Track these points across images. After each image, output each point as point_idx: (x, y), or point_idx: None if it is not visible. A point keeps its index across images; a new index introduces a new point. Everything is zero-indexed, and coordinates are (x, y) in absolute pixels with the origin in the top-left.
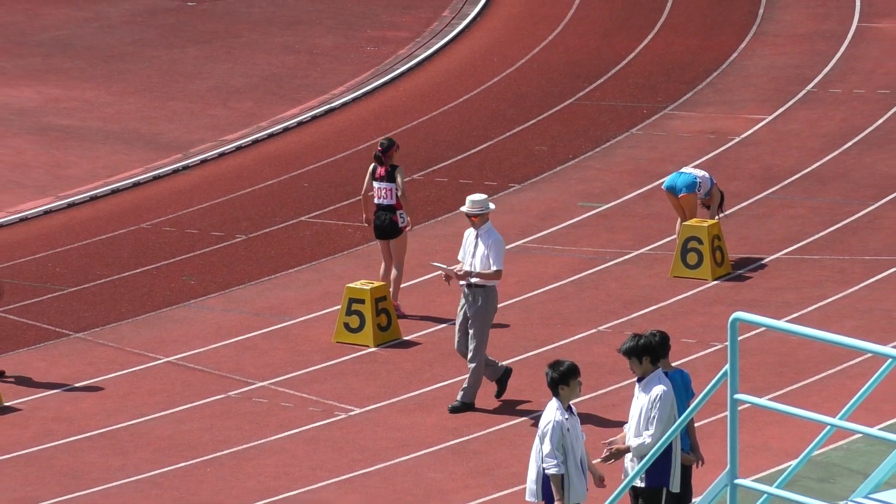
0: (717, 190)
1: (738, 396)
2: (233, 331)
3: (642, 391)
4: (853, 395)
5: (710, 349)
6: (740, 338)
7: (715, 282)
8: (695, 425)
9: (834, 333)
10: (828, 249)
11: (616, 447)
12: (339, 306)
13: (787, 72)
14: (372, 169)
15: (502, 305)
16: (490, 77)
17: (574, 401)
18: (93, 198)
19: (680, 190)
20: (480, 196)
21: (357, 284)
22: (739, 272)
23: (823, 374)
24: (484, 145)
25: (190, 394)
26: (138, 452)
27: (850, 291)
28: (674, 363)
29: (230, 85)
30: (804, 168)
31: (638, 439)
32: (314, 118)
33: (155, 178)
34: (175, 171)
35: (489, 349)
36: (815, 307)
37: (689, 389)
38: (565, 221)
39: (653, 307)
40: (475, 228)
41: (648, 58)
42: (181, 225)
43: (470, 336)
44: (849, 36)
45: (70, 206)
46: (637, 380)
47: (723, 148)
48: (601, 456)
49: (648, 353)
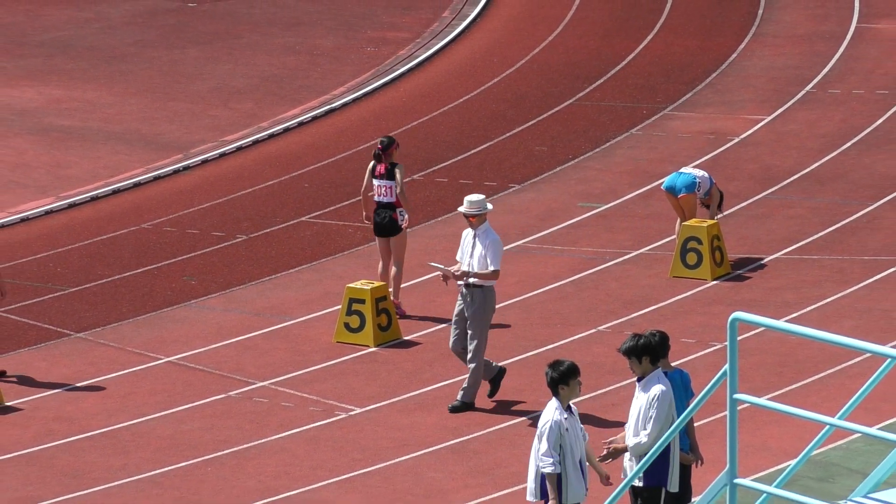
0: (717, 189)
1: (738, 396)
2: (233, 331)
3: (642, 391)
4: (852, 395)
5: (710, 349)
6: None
7: (714, 282)
8: (694, 425)
9: (833, 333)
10: (827, 249)
11: (614, 446)
12: (340, 306)
13: (787, 72)
14: (371, 167)
15: (502, 305)
16: (490, 78)
17: (574, 400)
18: (94, 198)
19: (679, 190)
20: (478, 196)
21: (357, 284)
22: (739, 272)
23: (822, 374)
24: (484, 146)
25: (191, 393)
26: (139, 452)
27: (849, 291)
28: (673, 363)
29: (231, 86)
30: (803, 168)
31: (635, 439)
32: (315, 119)
33: (156, 179)
34: (176, 172)
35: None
36: (815, 307)
37: (689, 389)
38: (565, 222)
39: (652, 307)
40: (473, 229)
41: (648, 58)
42: (182, 225)
43: (469, 336)
44: (848, 37)
45: (71, 207)
46: (637, 379)
47: (722, 148)
48: (599, 455)
49: (648, 353)
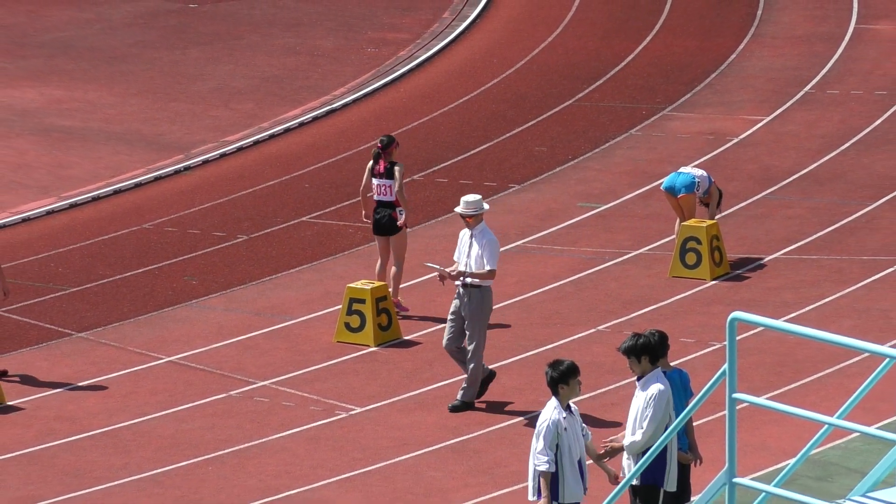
0: (716, 188)
1: (737, 396)
2: (234, 330)
3: (641, 390)
4: (851, 395)
5: (709, 349)
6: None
7: (713, 282)
8: (693, 424)
9: (832, 333)
10: (826, 249)
11: (611, 445)
12: (340, 306)
13: (785, 73)
14: (370, 166)
15: (502, 305)
16: (490, 78)
17: (573, 400)
18: (95, 198)
19: (679, 190)
20: (474, 197)
21: (358, 284)
22: (738, 272)
23: (821, 374)
24: (484, 146)
25: (191, 393)
26: (140, 451)
27: (848, 291)
28: (673, 363)
29: (232, 86)
30: (802, 169)
31: (632, 437)
32: (315, 119)
33: (157, 179)
34: (177, 172)
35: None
36: (813, 307)
37: (688, 389)
38: (565, 222)
39: (652, 307)
40: (469, 229)
41: (647, 59)
42: (183, 225)
43: (468, 337)
44: (846, 37)
45: (72, 207)
46: (636, 379)
47: (721, 149)
48: (598, 454)
49: (647, 353)
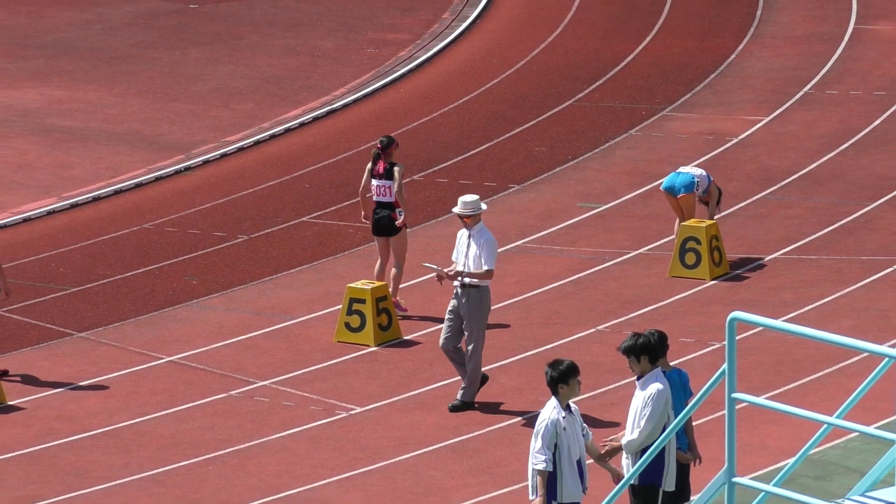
0: (715, 187)
1: (736, 395)
2: (234, 330)
3: (640, 389)
4: (850, 394)
5: (708, 348)
6: (738, 337)
7: (713, 282)
8: (693, 424)
9: (831, 333)
10: (825, 249)
11: (611, 445)
12: (340, 306)
13: (785, 73)
14: (370, 166)
15: (502, 305)
16: (490, 79)
17: (573, 399)
18: (95, 198)
19: (679, 190)
20: (472, 197)
21: (358, 284)
22: (737, 272)
23: (820, 374)
24: (484, 146)
25: (192, 393)
26: (141, 451)
27: (847, 291)
28: (672, 362)
29: (232, 86)
30: (801, 169)
31: (629, 436)
32: (315, 119)
33: (157, 179)
34: (177, 172)
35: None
36: (813, 307)
37: (687, 388)
38: (564, 222)
39: (651, 307)
40: (467, 229)
41: (647, 60)
42: (183, 225)
43: (467, 337)
44: (845, 38)
45: (73, 207)
46: (636, 378)
47: (721, 149)
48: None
49: (647, 352)
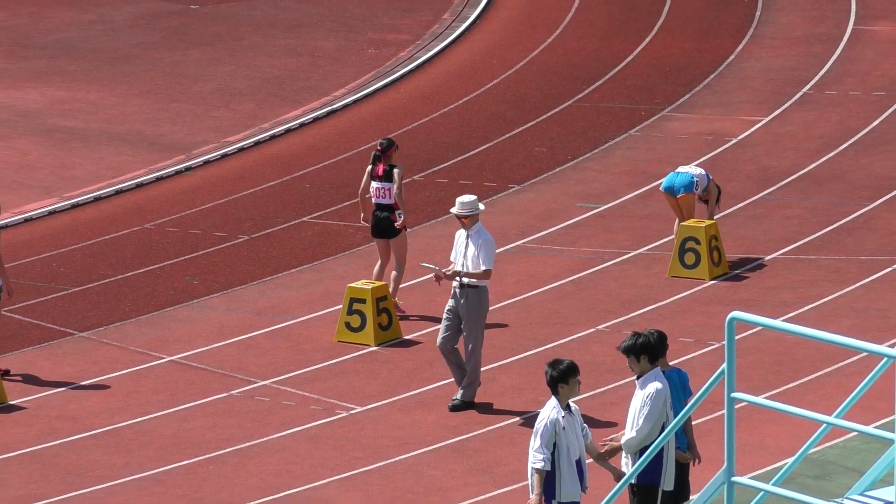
0: (714, 185)
1: (735, 395)
2: (235, 330)
3: (640, 389)
4: (849, 394)
5: (708, 348)
6: (737, 337)
7: (712, 282)
8: (692, 423)
9: (830, 333)
10: (824, 250)
11: (610, 444)
12: (341, 306)
13: (784, 74)
14: (369, 168)
15: (502, 305)
16: (490, 79)
17: (573, 399)
18: (97, 198)
19: (678, 190)
20: (470, 197)
21: (358, 284)
22: (736, 272)
23: (819, 373)
24: (484, 147)
25: (193, 392)
26: (142, 450)
27: (846, 291)
28: (672, 362)
29: (233, 87)
30: (800, 169)
31: (628, 435)
32: (316, 120)
33: (158, 179)
34: (178, 173)
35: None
36: (812, 307)
37: (687, 388)
38: (564, 222)
39: (651, 307)
40: (466, 229)
41: (646, 60)
42: (184, 225)
43: (465, 337)
44: (844, 38)
45: (74, 207)
46: (636, 378)
47: (720, 149)
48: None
49: (646, 352)
